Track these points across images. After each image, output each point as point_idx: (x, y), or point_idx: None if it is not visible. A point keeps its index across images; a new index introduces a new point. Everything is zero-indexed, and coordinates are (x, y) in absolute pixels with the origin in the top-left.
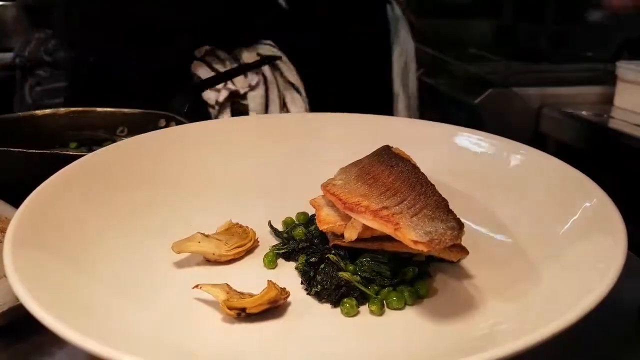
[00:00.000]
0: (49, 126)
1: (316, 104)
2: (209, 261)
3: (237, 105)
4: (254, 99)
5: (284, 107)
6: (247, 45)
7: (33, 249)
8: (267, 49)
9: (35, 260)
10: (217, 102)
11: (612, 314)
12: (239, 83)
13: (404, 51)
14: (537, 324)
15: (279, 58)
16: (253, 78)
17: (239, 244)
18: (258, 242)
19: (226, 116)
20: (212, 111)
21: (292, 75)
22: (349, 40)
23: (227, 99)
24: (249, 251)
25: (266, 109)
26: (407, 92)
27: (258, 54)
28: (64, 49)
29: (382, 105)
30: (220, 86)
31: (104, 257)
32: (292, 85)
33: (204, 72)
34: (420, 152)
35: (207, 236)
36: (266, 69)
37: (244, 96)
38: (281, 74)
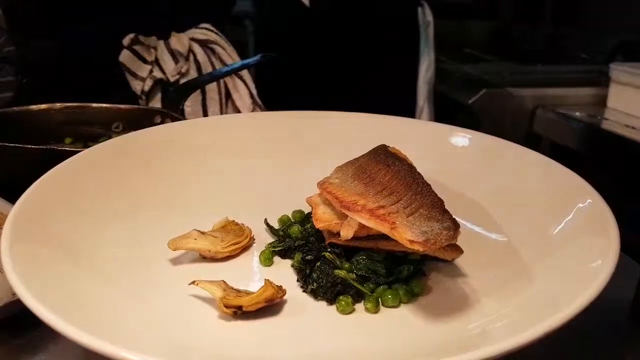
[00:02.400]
0: (44, 121)
1: (336, 108)
2: (205, 258)
3: (168, 93)
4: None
5: (227, 96)
6: (180, 31)
7: (30, 244)
8: (203, 32)
9: (32, 256)
10: (143, 92)
11: (605, 313)
12: (168, 70)
13: (431, 64)
14: (530, 322)
15: (267, 57)
16: (183, 64)
17: (234, 241)
18: (254, 239)
19: (156, 104)
20: (141, 102)
21: (232, 59)
22: (376, 46)
23: (153, 87)
24: (245, 248)
25: (203, 96)
26: (430, 104)
27: (192, 39)
28: (11, 44)
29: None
30: (145, 74)
31: (100, 253)
32: (239, 77)
33: (131, 62)
34: (415, 152)
35: (203, 233)
36: (200, 53)
37: (176, 83)
38: (220, 58)
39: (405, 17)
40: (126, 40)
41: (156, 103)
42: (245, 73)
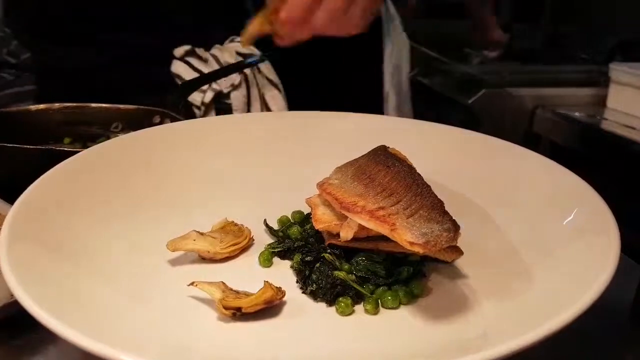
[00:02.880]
0: (43, 122)
1: (305, 103)
2: (204, 259)
3: (220, 105)
4: (237, 98)
5: (265, 106)
6: (220, 44)
7: (28, 245)
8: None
9: (30, 257)
10: (202, 103)
11: (605, 314)
12: (222, 82)
13: (395, 51)
14: (530, 324)
15: (262, 59)
16: (235, 77)
17: (233, 242)
18: (253, 240)
19: (212, 115)
20: (198, 112)
21: (271, 72)
22: (338, 38)
23: (212, 99)
24: (244, 249)
25: (248, 108)
26: (399, 93)
27: (237, 53)
28: (27, 51)
29: (372, 104)
30: (205, 87)
31: (99, 254)
32: (271, 82)
33: (187, 74)
34: (415, 152)
35: (202, 234)
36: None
37: (227, 95)
38: (259, 71)
39: None
40: (179, 52)
41: (211, 113)
42: (279, 83)
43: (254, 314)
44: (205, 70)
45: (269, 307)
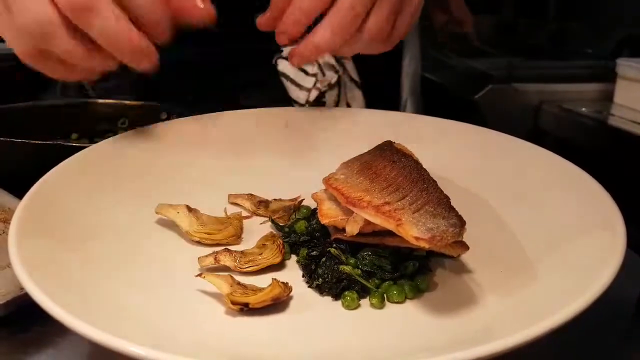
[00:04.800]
0: (50, 117)
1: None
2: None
3: (316, 104)
4: (330, 97)
5: (346, 105)
6: None
7: (37, 238)
8: None
9: (39, 250)
10: (307, 102)
11: (611, 310)
12: (320, 81)
13: (414, 56)
14: (535, 318)
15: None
16: (333, 76)
17: (209, 231)
18: (240, 239)
19: None
20: None
21: (354, 72)
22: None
23: (317, 98)
24: (222, 244)
25: (336, 106)
26: (417, 100)
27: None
28: None
29: (390, 108)
30: (310, 85)
31: (108, 247)
32: (354, 82)
33: (294, 73)
34: (421, 148)
35: (191, 211)
36: (337, 66)
37: (324, 94)
38: (344, 70)
39: None
40: (287, 51)
41: None
42: (360, 83)
43: (260, 308)
44: (311, 70)
45: (276, 303)
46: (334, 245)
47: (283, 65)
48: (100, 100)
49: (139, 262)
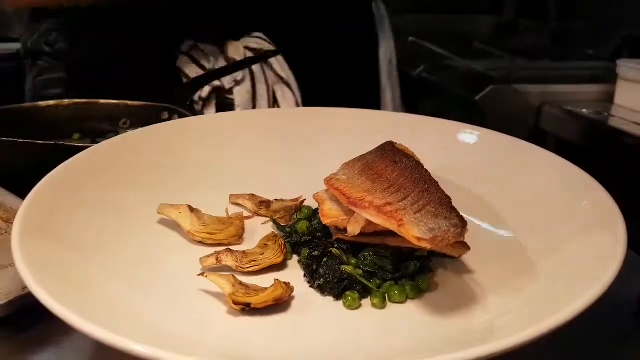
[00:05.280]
0: (52, 117)
1: (305, 99)
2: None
3: (222, 100)
4: (240, 94)
5: (274, 103)
6: (236, 39)
7: (40, 238)
8: (256, 42)
9: (42, 250)
10: (200, 97)
11: (612, 309)
12: (225, 78)
13: (389, 47)
14: (536, 318)
15: (269, 54)
16: (239, 73)
17: (210, 231)
18: (242, 240)
19: (211, 111)
20: (197, 107)
21: (282, 69)
22: (338, 37)
23: (210, 94)
24: (223, 244)
25: (254, 104)
26: (392, 85)
27: (246, 48)
28: (63, 41)
29: (370, 98)
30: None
31: (110, 246)
32: (282, 79)
33: (189, 68)
34: (422, 148)
35: (192, 211)
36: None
37: (230, 91)
38: (271, 67)
39: (361, 12)
40: (185, 47)
41: (211, 109)
42: (292, 80)
43: (262, 308)
44: (208, 65)
45: (278, 303)
46: (336, 245)
47: (181, 61)
48: (102, 101)
49: (141, 262)
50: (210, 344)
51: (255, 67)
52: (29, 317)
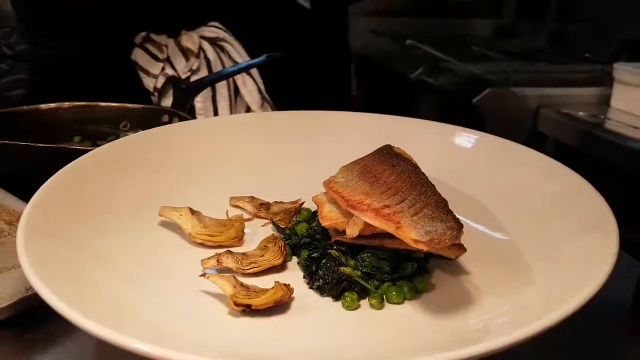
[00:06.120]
0: (53, 120)
1: (279, 103)
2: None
3: (177, 93)
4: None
5: (236, 92)
6: (191, 28)
7: (44, 240)
8: (212, 30)
9: (47, 251)
10: (155, 89)
11: (605, 310)
12: (179, 67)
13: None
14: (530, 319)
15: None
16: (194, 62)
17: (210, 233)
18: (242, 241)
19: (168, 102)
20: (153, 98)
21: (240, 56)
22: (311, 46)
23: (165, 84)
24: (223, 246)
25: (213, 93)
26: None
27: (202, 37)
28: (23, 43)
29: (341, 104)
30: (157, 72)
31: (114, 247)
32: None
33: (144, 61)
34: (419, 151)
35: (193, 213)
36: (209, 50)
37: (187, 80)
38: (228, 55)
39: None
40: (138, 39)
41: (168, 99)
42: (253, 70)
43: (262, 309)
44: (162, 56)
45: (278, 304)
46: (334, 247)
47: (135, 54)
48: (102, 103)
49: (143, 263)
50: (212, 344)
51: (211, 55)
52: (32, 319)
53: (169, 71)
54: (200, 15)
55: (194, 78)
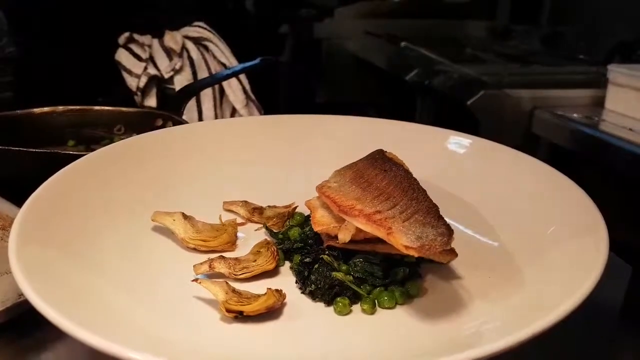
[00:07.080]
0: (47, 124)
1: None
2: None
3: (163, 90)
4: (181, 83)
5: (220, 91)
6: (174, 29)
7: (37, 246)
8: (197, 30)
9: (39, 257)
10: (138, 88)
11: (596, 314)
12: (162, 67)
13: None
14: (521, 323)
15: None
16: (177, 61)
17: (204, 238)
18: (235, 246)
19: (151, 102)
20: (136, 98)
21: (224, 56)
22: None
23: (147, 84)
24: (217, 251)
25: (197, 93)
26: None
27: (185, 37)
28: (11, 45)
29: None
30: (139, 71)
31: (107, 253)
32: (225, 66)
33: (127, 61)
34: (412, 156)
35: (186, 218)
36: (193, 50)
37: (170, 80)
38: (212, 55)
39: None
40: (121, 39)
41: (151, 99)
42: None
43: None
44: (144, 55)
45: (270, 311)
46: (327, 252)
47: (119, 54)
48: (96, 107)
49: (136, 269)
50: (204, 350)
51: (195, 55)
52: (26, 324)
53: (152, 71)
54: (185, 16)
55: (177, 77)
